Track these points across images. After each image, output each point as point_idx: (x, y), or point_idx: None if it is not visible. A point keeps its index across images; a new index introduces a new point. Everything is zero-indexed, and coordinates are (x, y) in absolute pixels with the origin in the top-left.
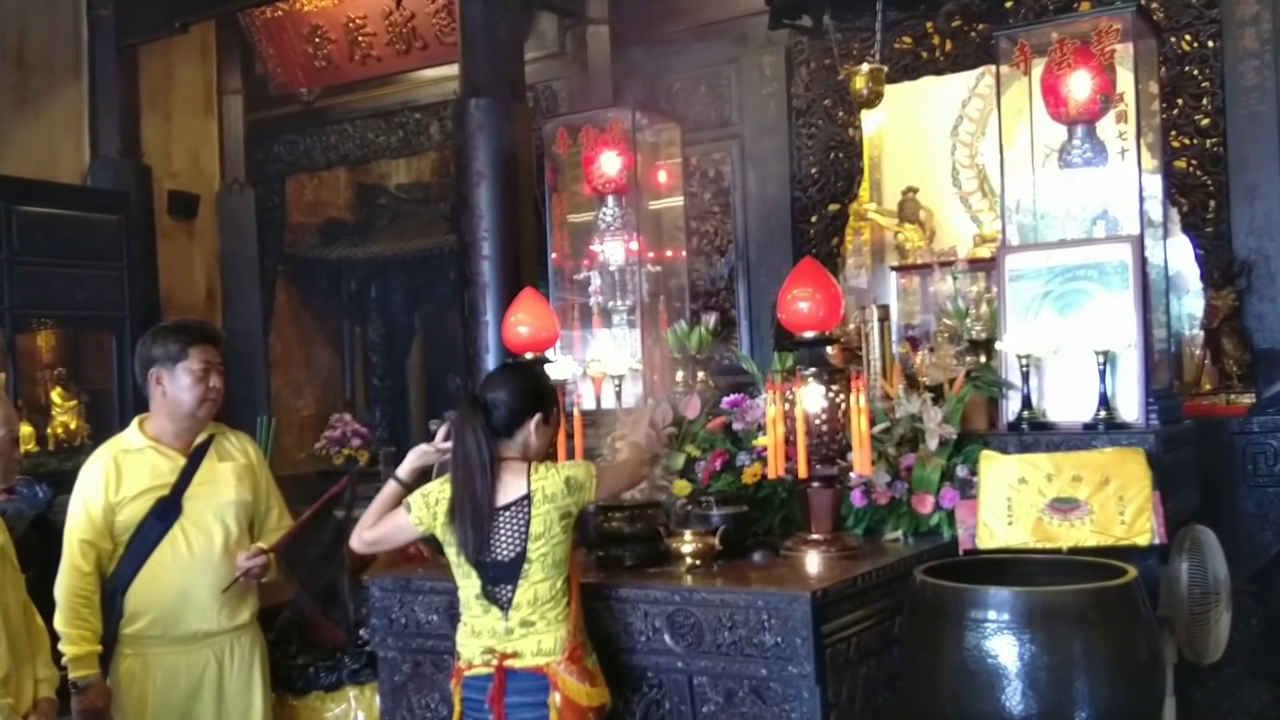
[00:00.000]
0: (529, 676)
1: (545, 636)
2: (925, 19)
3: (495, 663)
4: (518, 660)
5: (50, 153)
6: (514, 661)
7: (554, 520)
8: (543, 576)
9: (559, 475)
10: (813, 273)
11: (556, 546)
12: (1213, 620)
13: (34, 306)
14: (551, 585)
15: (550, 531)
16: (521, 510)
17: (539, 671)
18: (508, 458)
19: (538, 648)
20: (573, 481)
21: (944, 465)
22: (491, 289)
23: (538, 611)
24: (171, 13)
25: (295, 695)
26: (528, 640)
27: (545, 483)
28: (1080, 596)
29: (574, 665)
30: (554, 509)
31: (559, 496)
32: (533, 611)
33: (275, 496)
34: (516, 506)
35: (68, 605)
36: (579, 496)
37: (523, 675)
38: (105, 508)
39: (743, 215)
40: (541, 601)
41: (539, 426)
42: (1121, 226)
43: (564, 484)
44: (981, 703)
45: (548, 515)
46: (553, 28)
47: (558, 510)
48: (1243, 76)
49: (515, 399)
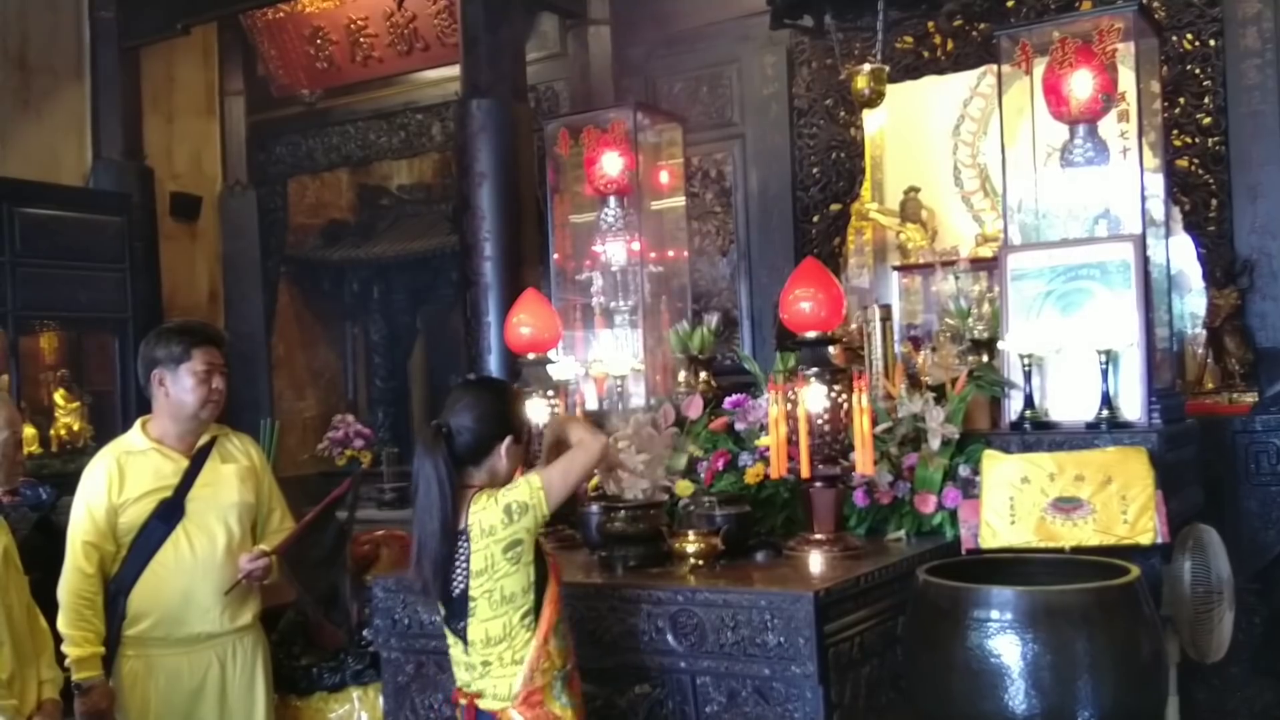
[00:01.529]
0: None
1: (500, 681)
2: (927, 18)
3: (465, 701)
4: (482, 701)
5: (52, 154)
6: (480, 701)
7: (496, 555)
8: (491, 614)
9: (497, 505)
10: (815, 273)
11: (504, 581)
12: (1216, 619)
13: (37, 308)
14: (505, 623)
15: (494, 567)
16: (463, 545)
17: (495, 716)
18: (471, 485)
19: (494, 691)
20: (514, 508)
21: (946, 465)
22: (493, 290)
23: (493, 651)
24: (173, 15)
25: (299, 696)
26: (487, 680)
27: (482, 515)
28: (1083, 596)
29: (530, 710)
30: (494, 543)
31: (498, 529)
32: (488, 651)
33: (277, 498)
34: (461, 538)
35: (70, 607)
36: (525, 521)
37: (486, 716)
38: (108, 509)
39: (744, 215)
40: (494, 640)
41: (509, 449)
42: (1123, 225)
43: (503, 514)
44: (985, 702)
45: (487, 550)
46: (554, 28)
47: (499, 544)
48: (1244, 75)
49: (481, 424)
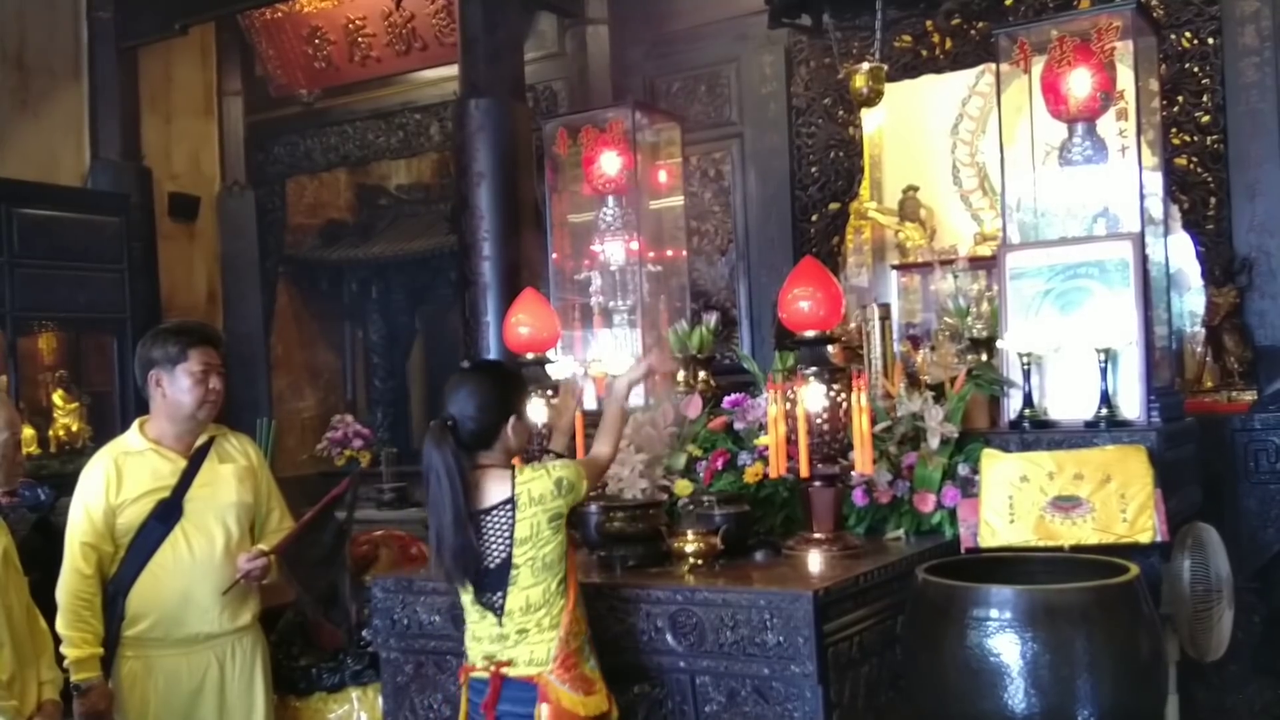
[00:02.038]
0: (521, 686)
1: (538, 646)
2: (925, 17)
3: (492, 669)
4: (512, 668)
5: (51, 155)
6: (509, 669)
7: (541, 523)
8: (533, 581)
9: (549, 476)
10: (814, 272)
11: (545, 548)
12: (1215, 618)
13: (35, 309)
14: (545, 590)
15: (538, 534)
16: (505, 514)
17: (530, 681)
18: (486, 465)
19: (530, 656)
20: (564, 483)
21: (945, 464)
22: (492, 289)
23: (531, 618)
24: (171, 15)
25: (298, 696)
26: (521, 648)
27: (532, 485)
28: (1082, 595)
29: (567, 673)
30: (542, 511)
31: (548, 498)
32: (526, 618)
33: (276, 498)
34: (499, 510)
35: (69, 608)
36: (570, 497)
37: (516, 684)
38: (106, 510)
39: (743, 214)
40: (534, 607)
41: (515, 425)
42: (1122, 224)
43: (554, 485)
44: (984, 701)
45: (535, 518)
46: (552, 28)
47: (546, 513)
48: (1243, 73)
49: (485, 411)
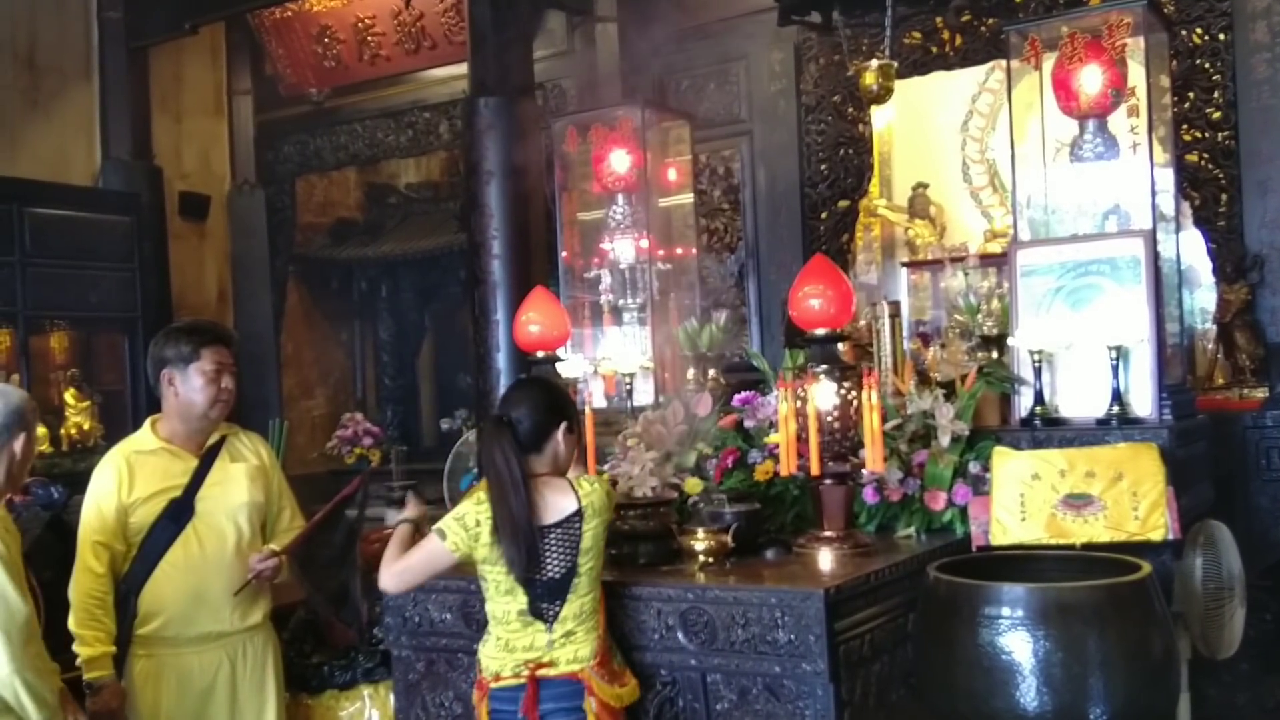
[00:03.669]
0: (563, 683)
1: (582, 645)
2: (935, 14)
3: (527, 673)
4: (552, 669)
5: (62, 155)
6: (547, 670)
7: (600, 533)
8: (588, 590)
9: (602, 488)
10: (824, 269)
11: (600, 559)
12: (1227, 616)
13: (47, 308)
14: (595, 597)
15: (598, 544)
16: (573, 526)
17: (573, 678)
18: (541, 474)
19: (574, 655)
20: (610, 495)
21: (956, 462)
22: (502, 288)
23: (581, 624)
24: (181, 14)
25: (310, 694)
26: (566, 649)
27: (594, 497)
28: (1095, 593)
29: (603, 669)
30: (600, 523)
31: (605, 509)
32: (576, 624)
33: (288, 497)
34: (568, 523)
35: (81, 606)
36: (611, 509)
37: (556, 682)
38: (118, 509)
39: (752, 212)
40: (586, 614)
41: (565, 435)
42: (1133, 221)
43: (605, 496)
44: (996, 700)
45: (596, 530)
46: (561, 26)
47: (604, 524)
48: (1254, 70)
49: (539, 413)
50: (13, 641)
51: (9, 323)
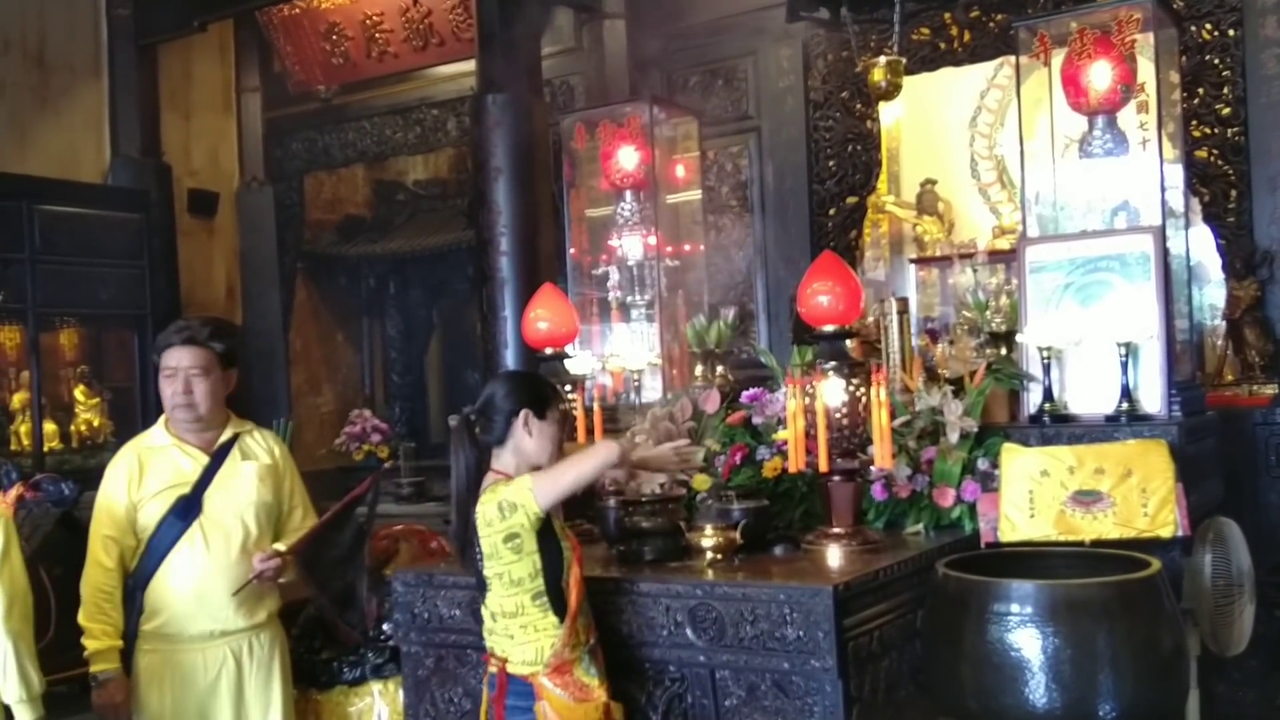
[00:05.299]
0: (519, 682)
1: (525, 648)
2: (943, 10)
3: (497, 665)
4: (511, 666)
5: (71, 152)
6: (510, 666)
7: (498, 544)
8: (504, 593)
9: (493, 500)
10: (832, 266)
11: (510, 566)
12: (1236, 612)
13: (56, 305)
14: (517, 602)
15: (498, 554)
16: (475, 532)
17: (525, 680)
18: (498, 468)
19: (520, 657)
20: (504, 505)
21: (965, 458)
22: (510, 284)
23: (513, 624)
24: (190, 12)
25: (319, 690)
26: (514, 648)
27: (484, 509)
28: (1104, 589)
29: (560, 677)
30: (493, 533)
31: (495, 522)
32: (507, 622)
33: (300, 496)
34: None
35: (90, 600)
36: (518, 516)
37: (516, 680)
38: (127, 505)
39: (760, 209)
40: (509, 614)
41: (530, 422)
42: (1142, 217)
43: (496, 510)
44: (1005, 696)
45: (491, 539)
46: (569, 22)
47: (499, 534)
48: (1264, 65)
49: (495, 403)
50: None
51: (19, 319)
